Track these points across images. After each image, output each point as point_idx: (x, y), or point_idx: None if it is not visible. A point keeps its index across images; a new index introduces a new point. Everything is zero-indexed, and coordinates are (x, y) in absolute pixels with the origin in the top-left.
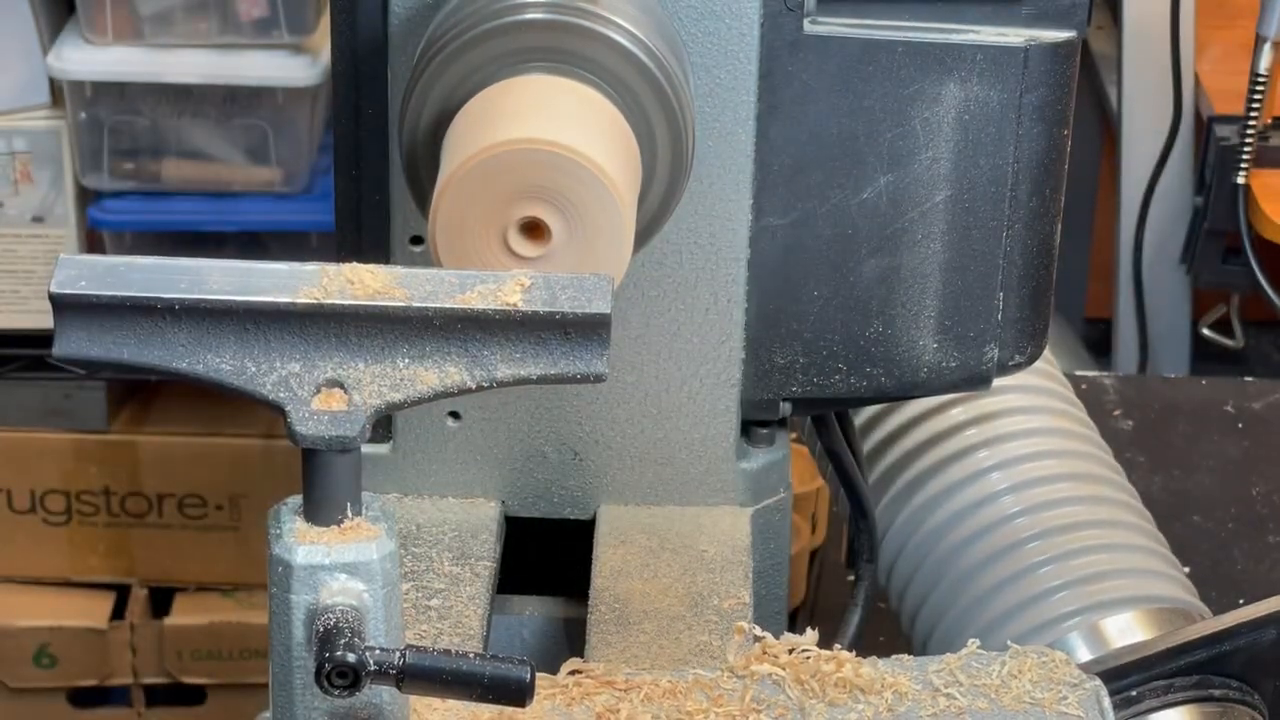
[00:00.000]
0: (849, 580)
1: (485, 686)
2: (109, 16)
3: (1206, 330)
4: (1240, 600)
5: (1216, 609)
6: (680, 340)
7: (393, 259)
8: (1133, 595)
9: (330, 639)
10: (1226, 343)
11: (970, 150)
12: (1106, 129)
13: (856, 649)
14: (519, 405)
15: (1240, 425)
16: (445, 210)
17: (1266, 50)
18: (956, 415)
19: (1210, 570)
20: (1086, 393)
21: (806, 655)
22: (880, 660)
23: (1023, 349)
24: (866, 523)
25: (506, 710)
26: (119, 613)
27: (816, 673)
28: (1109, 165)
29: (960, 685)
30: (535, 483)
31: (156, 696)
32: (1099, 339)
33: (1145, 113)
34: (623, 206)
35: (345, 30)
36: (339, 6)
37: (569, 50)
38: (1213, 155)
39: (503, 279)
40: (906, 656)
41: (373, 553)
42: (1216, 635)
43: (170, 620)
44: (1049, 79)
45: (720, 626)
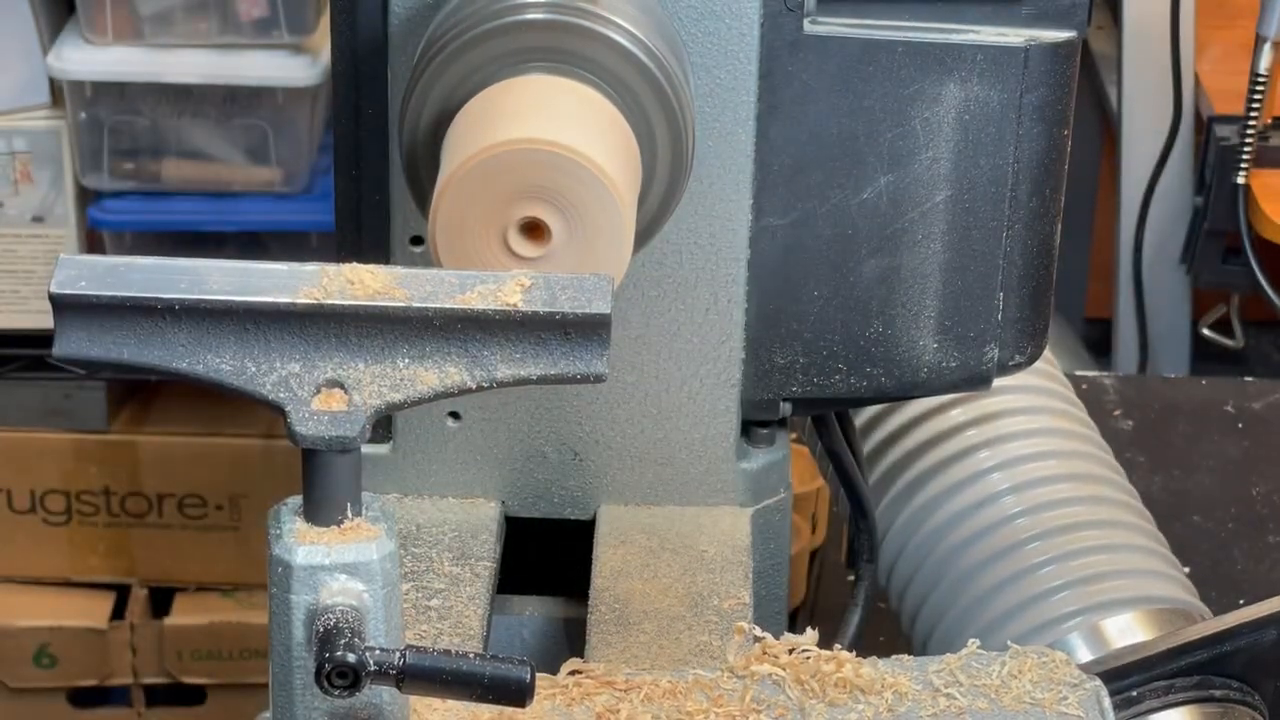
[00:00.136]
0: (849, 580)
1: (485, 687)
2: (109, 16)
3: (1206, 330)
4: (1240, 600)
5: (1216, 609)
6: (680, 340)
7: (393, 259)
8: (1133, 596)
9: (330, 639)
10: (1226, 343)
11: (970, 150)
12: (1106, 129)
13: (856, 649)
14: (519, 405)
15: (1240, 425)
16: (445, 210)
17: (1266, 50)
18: (957, 416)
19: (1210, 570)
20: (1086, 393)
21: (806, 655)
22: (880, 660)
23: (1023, 349)
24: (867, 523)
25: (506, 710)
26: (119, 613)
27: (816, 673)
28: (1109, 165)
29: (960, 685)
30: (535, 483)
31: (156, 696)
32: (1099, 339)
33: (1145, 113)
34: (623, 207)
35: (345, 30)
36: (339, 6)
37: (569, 50)
38: (1213, 155)
39: (503, 279)
40: (906, 656)
41: (373, 553)
42: (1217, 636)
43: (170, 620)
44: (1049, 79)
45: (720, 627)
